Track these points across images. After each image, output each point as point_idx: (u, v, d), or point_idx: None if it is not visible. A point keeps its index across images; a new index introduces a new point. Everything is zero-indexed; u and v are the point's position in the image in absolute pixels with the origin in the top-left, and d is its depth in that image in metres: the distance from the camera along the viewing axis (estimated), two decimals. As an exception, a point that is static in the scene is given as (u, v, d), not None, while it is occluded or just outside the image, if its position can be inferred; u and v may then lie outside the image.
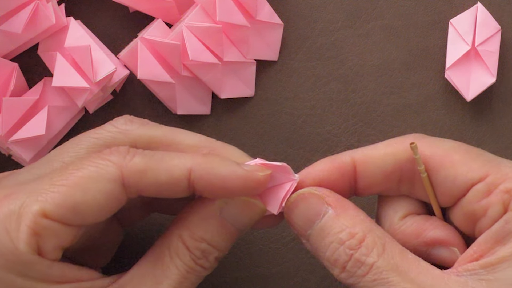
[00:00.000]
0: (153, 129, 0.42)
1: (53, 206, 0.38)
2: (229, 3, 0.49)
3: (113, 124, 0.42)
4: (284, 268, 0.51)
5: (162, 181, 0.39)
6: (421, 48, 0.52)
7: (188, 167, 0.39)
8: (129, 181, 0.39)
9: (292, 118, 0.52)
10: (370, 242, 0.38)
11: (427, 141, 0.41)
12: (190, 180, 0.39)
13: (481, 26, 0.50)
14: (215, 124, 0.52)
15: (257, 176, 0.39)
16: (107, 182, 0.38)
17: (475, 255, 0.38)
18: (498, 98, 0.52)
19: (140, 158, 0.39)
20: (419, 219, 0.41)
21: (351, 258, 0.38)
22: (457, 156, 0.40)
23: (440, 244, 0.40)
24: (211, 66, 0.50)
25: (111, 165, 0.38)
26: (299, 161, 0.51)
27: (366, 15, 0.52)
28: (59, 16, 0.49)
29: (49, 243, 0.38)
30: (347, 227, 0.39)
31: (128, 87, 0.52)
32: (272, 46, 0.52)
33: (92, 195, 0.38)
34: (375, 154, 0.41)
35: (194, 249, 0.40)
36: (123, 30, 0.52)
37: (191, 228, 0.40)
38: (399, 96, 0.52)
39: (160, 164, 0.39)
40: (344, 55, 0.52)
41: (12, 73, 0.49)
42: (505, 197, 0.38)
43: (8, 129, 0.48)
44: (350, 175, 0.41)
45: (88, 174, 0.38)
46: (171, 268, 0.39)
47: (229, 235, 0.40)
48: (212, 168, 0.39)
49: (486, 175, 0.39)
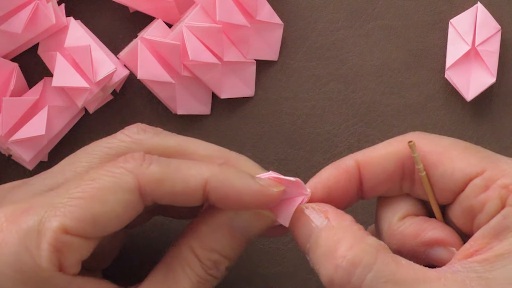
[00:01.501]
0: (166, 139, 0.42)
1: (73, 221, 0.37)
2: (229, 3, 0.49)
3: (126, 134, 0.42)
4: (284, 268, 0.51)
5: (178, 191, 0.39)
6: (421, 48, 0.52)
7: (204, 178, 0.39)
8: (145, 190, 0.38)
9: (292, 118, 0.52)
10: (359, 251, 0.37)
11: (427, 138, 0.41)
12: (205, 191, 0.39)
13: (481, 26, 0.50)
14: (215, 124, 0.52)
15: (271, 191, 0.40)
16: (125, 192, 0.38)
17: (471, 249, 0.38)
18: (498, 98, 0.52)
19: (157, 167, 0.39)
20: (418, 220, 0.41)
21: (338, 269, 0.37)
22: (455, 152, 0.40)
23: (438, 244, 0.40)
24: (211, 66, 0.50)
25: (128, 174, 0.38)
26: (299, 161, 0.51)
27: (366, 15, 0.52)
28: (59, 16, 0.49)
29: (70, 258, 0.38)
30: (337, 237, 0.38)
31: (128, 87, 0.52)
32: (272, 46, 0.52)
33: (111, 206, 0.38)
34: (377, 155, 0.41)
35: (205, 260, 0.40)
36: (123, 30, 0.52)
37: (201, 238, 0.40)
38: (399, 96, 0.52)
39: (177, 173, 0.39)
40: (344, 55, 0.52)
41: (12, 73, 0.49)
42: (502, 192, 0.38)
43: (8, 129, 0.48)
44: (356, 179, 0.41)
45: (105, 185, 0.38)
46: (182, 278, 0.39)
47: (239, 245, 0.40)
48: (228, 180, 0.39)
49: (484, 170, 0.39)
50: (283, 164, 0.51)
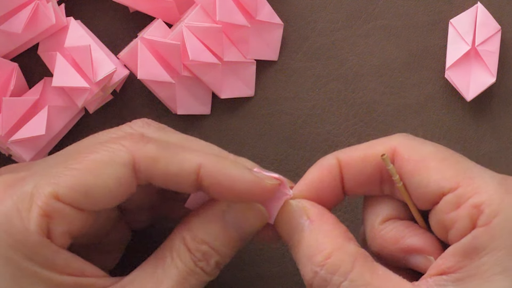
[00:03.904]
0: (168, 135, 0.42)
1: (66, 189, 0.38)
2: (229, 3, 0.49)
3: (131, 126, 0.42)
4: (284, 268, 0.51)
5: (171, 172, 0.39)
6: (421, 48, 0.52)
7: (198, 163, 0.39)
8: (139, 167, 0.39)
9: (292, 118, 0.52)
10: (336, 260, 0.38)
11: (408, 144, 0.40)
12: (199, 176, 0.39)
13: (481, 26, 0.50)
14: (215, 124, 0.52)
15: (265, 183, 0.40)
16: (119, 166, 0.39)
17: (443, 266, 0.38)
18: (498, 98, 0.52)
19: (154, 146, 0.39)
20: (399, 225, 0.41)
21: (317, 275, 0.38)
22: (433, 162, 0.39)
23: (416, 252, 0.40)
24: (211, 66, 0.50)
25: (123, 149, 0.39)
26: (299, 161, 0.51)
27: (366, 15, 0.52)
28: (59, 16, 0.49)
29: (59, 227, 0.38)
30: (317, 242, 0.39)
31: (128, 87, 0.52)
32: (272, 46, 0.52)
33: (104, 179, 0.38)
34: (356, 156, 0.41)
35: (195, 251, 0.40)
36: (123, 30, 0.52)
37: (193, 230, 0.40)
38: (399, 96, 0.52)
39: (172, 154, 0.39)
40: (344, 55, 0.52)
41: (12, 73, 0.49)
42: (473, 212, 0.38)
43: (8, 129, 0.48)
44: (339, 177, 0.41)
45: (101, 158, 0.39)
46: (171, 268, 0.39)
47: (231, 241, 0.40)
48: (223, 168, 0.39)
49: (457, 186, 0.38)
50: (283, 164, 0.51)
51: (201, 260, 0.40)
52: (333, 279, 0.38)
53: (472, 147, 0.52)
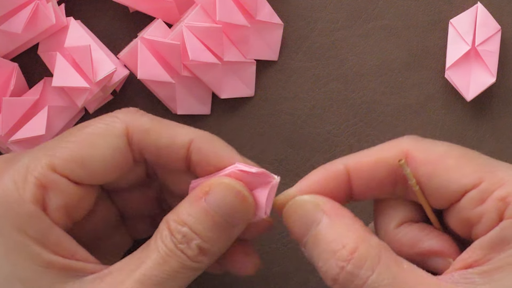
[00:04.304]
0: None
1: (62, 161, 0.39)
2: (229, 3, 0.49)
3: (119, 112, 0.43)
4: (284, 268, 0.51)
5: (162, 144, 0.40)
6: (421, 48, 0.52)
7: (190, 138, 0.40)
8: (133, 138, 0.40)
9: (292, 118, 0.52)
10: (363, 253, 0.37)
11: (420, 146, 0.40)
12: (189, 151, 0.40)
13: (481, 26, 0.50)
14: (215, 124, 0.52)
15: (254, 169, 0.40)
16: (114, 137, 0.40)
17: (469, 259, 0.38)
18: (498, 98, 0.52)
19: (148, 119, 0.41)
20: (415, 228, 0.40)
21: (343, 270, 0.37)
22: (450, 160, 0.39)
23: (435, 255, 0.40)
24: (211, 66, 0.50)
25: (118, 121, 0.40)
26: (299, 161, 0.51)
27: (366, 15, 0.52)
28: (59, 16, 0.49)
29: (55, 199, 0.39)
30: (339, 236, 0.38)
31: (128, 87, 0.52)
32: (272, 46, 0.52)
33: (99, 150, 0.39)
34: (368, 161, 0.40)
35: (175, 232, 0.39)
36: (123, 30, 0.52)
37: (177, 212, 0.40)
38: (399, 96, 0.52)
39: (165, 128, 0.41)
40: (344, 55, 0.52)
41: (12, 73, 0.49)
42: (499, 204, 0.38)
43: (8, 129, 0.48)
44: (345, 183, 0.40)
45: (97, 130, 0.40)
46: (153, 249, 0.39)
47: (214, 225, 0.39)
48: (213, 146, 0.41)
49: (480, 181, 0.38)
50: (283, 164, 0.51)
51: (182, 242, 0.39)
52: (361, 273, 0.37)
53: (472, 147, 0.51)
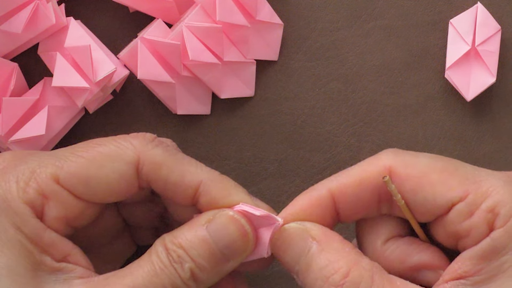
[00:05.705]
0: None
1: (67, 174, 0.39)
2: (229, 3, 0.49)
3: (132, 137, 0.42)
4: (284, 268, 0.51)
5: (172, 181, 0.40)
6: (421, 48, 0.52)
7: (200, 179, 0.40)
8: (142, 168, 0.39)
9: (292, 118, 0.52)
10: (356, 277, 0.37)
11: (402, 160, 0.39)
12: (198, 192, 0.40)
13: (481, 26, 0.50)
14: (215, 124, 0.52)
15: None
16: (123, 162, 0.39)
17: (459, 270, 0.37)
18: (498, 98, 0.52)
19: (161, 151, 0.40)
20: (403, 243, 0.40)
21: None
22: (434, 174, 0.39)
23: (425, 268, 0.39)
24: (211, 66, 0.50)
25: (131, 148, 0.40)
26: (299, 161, 0.51)
27: (366, 15, 0.52)
28: (59, 16, 0.49)
29: (55, 209, 0.39)
30: (331, 262, 0.38)
31: (128, 87, 0.52)
32: (272, 46, 0.52)
33: (106, 172, 0.39)
34: (352, 182, 0.40)
35: (171, 251, 0.39)
36: (123, 30, 0.52)
37: (175, 234, 0.39)
38: (399, 96, 0.52)
39: (177, 164, 0.40)
40: (344, 55, 0.52)
41: (12, 73, 0.49)
42: (488, 216, 0.37)
43: (8, 129, 0.48)
44: (330, 207, 0.40)
45: (108, 152, 0.39)
46: (146, 261, 0.39)
47: (211, 255, 0.39)
48: (223, 188, 0.40)
49: (466, 194, 0.38)
50: (283, 164, 0.51)
51: (176, 262, 0.39)
52: None
53: (472, 147, 0.52)
